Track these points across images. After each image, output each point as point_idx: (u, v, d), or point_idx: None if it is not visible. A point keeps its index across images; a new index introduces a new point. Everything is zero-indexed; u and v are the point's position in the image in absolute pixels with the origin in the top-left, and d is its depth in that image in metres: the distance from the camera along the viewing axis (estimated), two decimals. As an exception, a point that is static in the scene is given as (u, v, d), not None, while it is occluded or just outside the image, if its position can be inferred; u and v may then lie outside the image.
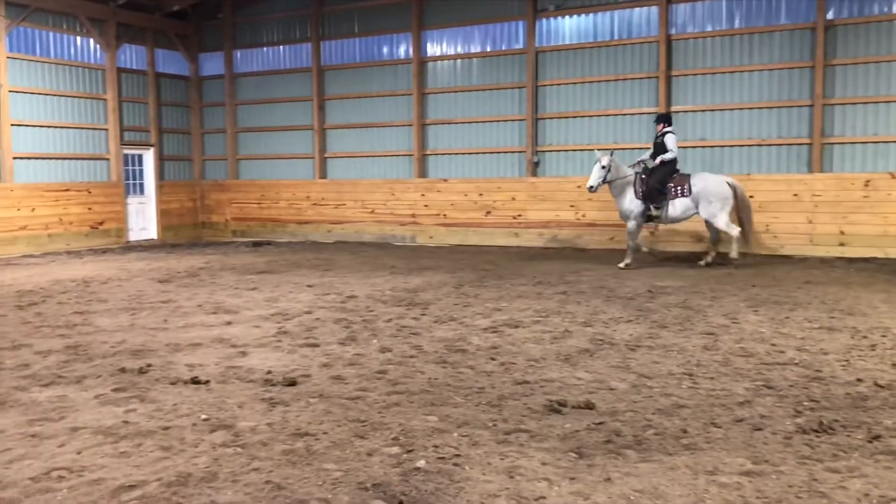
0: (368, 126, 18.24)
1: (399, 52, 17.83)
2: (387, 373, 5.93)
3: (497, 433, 4.52)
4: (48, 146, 16.72)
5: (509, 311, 8.56)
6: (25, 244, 15.98)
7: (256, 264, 13.69)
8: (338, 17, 18.48)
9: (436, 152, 17.52)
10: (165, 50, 19.56)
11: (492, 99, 16.85)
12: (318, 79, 18.64)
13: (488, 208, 16.66)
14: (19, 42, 16.22)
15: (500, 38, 16.75)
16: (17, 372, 6.07)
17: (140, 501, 3.60)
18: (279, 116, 19.37)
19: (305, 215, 18.91)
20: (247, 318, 8.32)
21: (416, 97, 17.44)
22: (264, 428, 4.63)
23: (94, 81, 17.73)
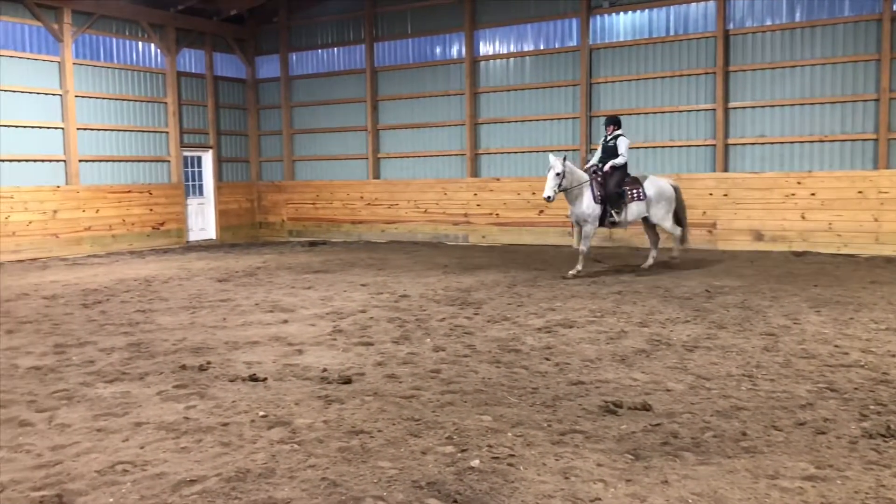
0: (421, 126, 18.32)
1: (452, 52, 17.85)
2: (440, 372, 5.94)
3: (552, 434, 4.49)
4: (112, 149, 17.22)
5: (563, 311, 8.50)
6: (90, 244, 16.49)
7: (312, 264, 13.87)
8: (391, 18, 18.60)
9: (488, 151, 17.50)
10: (223, 54, 19.96)
11: (545, 97, 16.76)
12: (372, 80, 18.80)
13: (541, 207, 16.55)
14: (84, 48, 16.75)
15: (554, 36, 16.64)
16: (83, 368, 6.27)
17: (200, 496, 3.67)
18: (333, 118, 19.60)
19: (359, 215, 19.09)
20: (303, 317, 8.44)
21: (469, 97, 17.45)
22: (320, 425, 4.69)
23: (155, 85, 18.19)
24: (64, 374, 6.07)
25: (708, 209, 14.95)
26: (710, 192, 14.93)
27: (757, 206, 14.53)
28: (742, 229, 14.65)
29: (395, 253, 15.61)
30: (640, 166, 15.74)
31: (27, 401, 5.33)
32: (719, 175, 14.94)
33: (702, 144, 15.25)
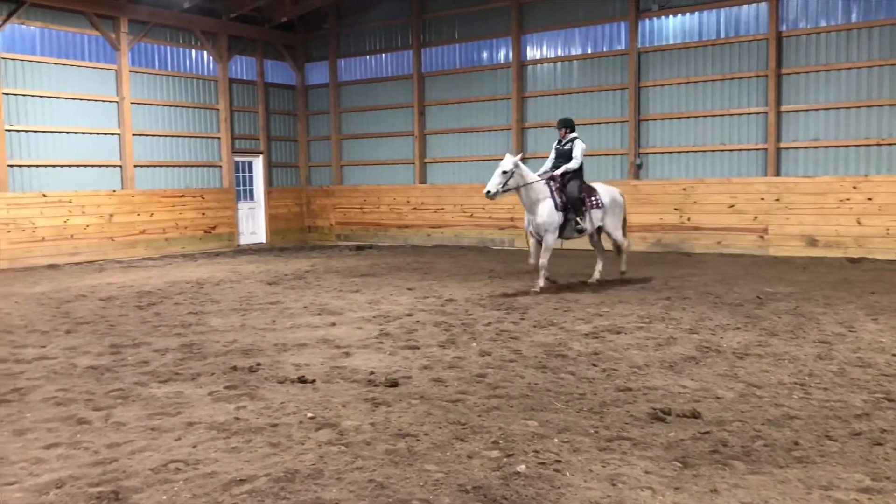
0: (468, 131, 18.36)
1: (498, 57, 17.87)
2: (486, 376, 5.94)
3: (599, 440, 4.46)
4: (165, 154, 17.63)
5: (611, 317, 8.43)
6: (144, 247, 16.90)
7: (359, 267, 14.00)
8: (438, 24, 18.70)
9: (535, 155, 17.41)
10: (273, 61, 20.30)
11: (592, 101, 16.66)
12: (419, 85, 18.91)
13: (589, 212, 16.44)
14: (140, 56, 17.19)
15: (602, 40, 16.53)
16: (137, 368, 6.43)
17: (249, 495, 3.74)
18: (381, 123, 19.77)
19: (406, 219, 19.20)
20: (350, 320, 8.52)
21: (516, 101, 17.43)
22: (367, 427, 4.74)
23: (207, 92, 18.58)
24: (119, 374, 6.23)
25: (759, 214, 14.68)
26: (762, 197, 14.66)
27: (810, 212, 14.22)
28: (794, 235, 14.34)
29: (441, 257, 15.66)
30: (690, 171, 15.56)
31: (85, 399, 5.49)
32: (771, 179, 14.66)
33: (753, 148, 14.98)
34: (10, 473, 4.07)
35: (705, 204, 15.17)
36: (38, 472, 4.08)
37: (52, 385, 5.91)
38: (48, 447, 4.48)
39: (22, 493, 3.80)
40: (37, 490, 3.84)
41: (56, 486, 3.88)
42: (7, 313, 9.42)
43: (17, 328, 8.39)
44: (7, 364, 6.66)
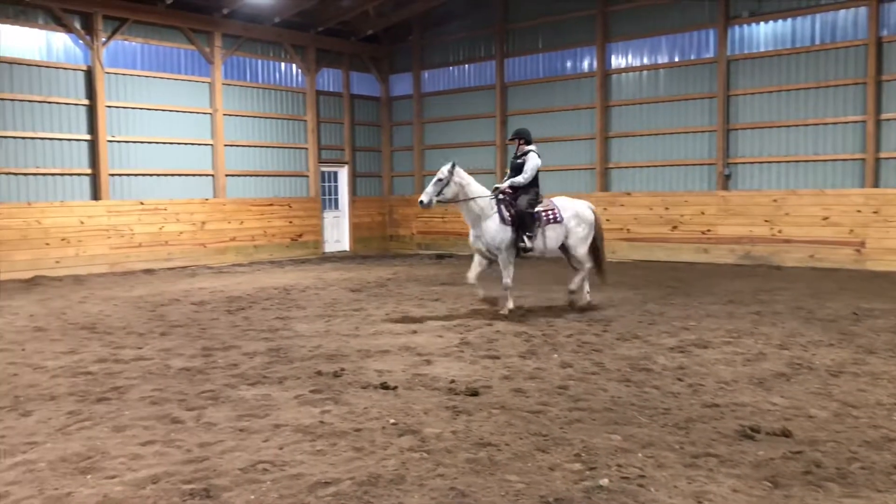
0: (550, 140, 18.24)
1: (583, 66, 17.73)
2: (568, 388, 5.89)
3: (684, 456, 4.37)
4: (255, 164, 18.19)
5: (698, 331, 8.23)
6: (234, 254, 17.46)
7: (439, 276, 14.09)
8: (521, 34, 18.70)
9: (619, 165, 17.22)
10: (359, 73, 20.71)
11: (679, 110, 16.33)
12: (502, 95, 18.94)
13: (675, 223, 16.11)
14: (232, 69, 17.82)
15: (689, 48, 16.20)
16: (227, 371, 6.65)
17: (334, 498, 3.82)
18: (463, 133, 19.88)
19: (487, 229, 19.18)
20: (431, 328, 8.59)
21: (600, 110, 17.25)
22: (449, 435, 4.76)
23: (295, 104, 19.10)
24: (210, 376, 6.46)
25: (855, 227, 14.06)
26: (858, 209, 14.04)
27: (912, 224, 13.53)
28: (894, 249, 13.67)
29: (521, 267, 15.53)
30: (782, 181, 15.06)
31: (178, 399, 5.71)
32: (869, 191, 14.03)
33: (849, 158, 14.38)
34: (110, 467, 4.28)
35: (797, 216, 14.65)
36: (135, 468, 4.27)
37: (148, 385, 6.17)
38: (145, 444, 4.69)
39: (122, 487, 3.99)
40: (135, 484, 4.02)
41: (152, 482, 4.05)
42: (107, 315, 9.89)
43: (116, 329, 8.80)
44: (107, 364, 6.99)
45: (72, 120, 15.15)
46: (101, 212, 15.31)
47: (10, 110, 14.32)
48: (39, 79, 14.70)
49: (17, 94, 14.38)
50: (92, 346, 7.85)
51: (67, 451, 4.54)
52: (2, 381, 6.40)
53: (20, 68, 14.43)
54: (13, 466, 4.32)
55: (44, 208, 14.54)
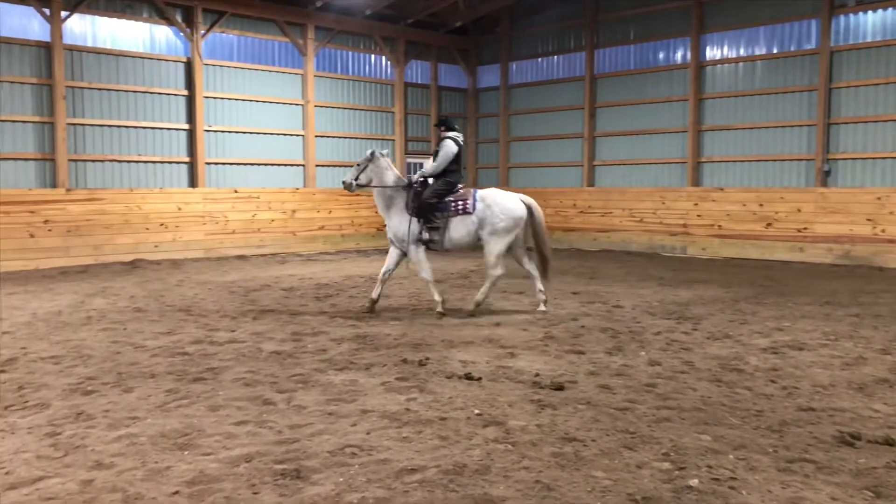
0: (639, 133, 17.91)
1: (675, 58, 17.30)
2: (656, 386, 5.78)
3: (778, 460, 4.22)
4: (344, 155, 18.51)
5: (792, 332, 7.93)
6: (322, 242, 17.83)
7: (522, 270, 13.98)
8: (612, 25, 18.38)
9: (711, 160, 16.73)
10: (447, 64, 20.77)
11: (776, 103, 15.73)
12: (591, 87, 18.67)
13: (769, 220, 15.56)
14: (324, 62, 18.17)
15: (789, 39, 15.58)
16: (316, 356, 6.81)
17: (420, 485, 3.86)
18: (550, 125, 19.70)
19: (572, 223, 19.01)
20: (515, 321, 8.57)
21: (693, 103, 16.80)
22: (533, 428, 4.75)
23: (384, 96, 19.33)
24: (300, 360, 6.63)
25: (968, 228, 13.26)
26: (973, 209, 13.23)
27: None
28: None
29: (608, 262, 15.38)
30: (887, 178, 14.32)
31: (270, 382, 5.89)
32: (984, 190, 13.21)
33: (963, 155, 13.57)
34: (206, 445, 4.45)
35: (903, 215, 13.93)
36: (230, 446, 4.42)
37: (241, 367, 6.38)
38: (238, 423, 4.85)
39: (217, 464, 4.14)
40: (229, 462, 4.17)
41: (245, 461, 4.19)
42: (202, 299, 10.27)
43: (210, 312, 9.13)
44: (203, 345, 7.27)
45: (172, 110, 15.76)
46: (198, 199, 15.88)
47: (115, 100, 15.00)
48: (143, 70, 15.34)
49: (122, 84, 15.06)
50: (188, 327, 8.17)
51: (166, 428, 4.75)
52: (106, 358, 6.73)
53: (125, 60, 15.10)
54: (118, 439, 4.55)
55: (144, 194, 15.19)
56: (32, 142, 14.03)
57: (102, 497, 3.72)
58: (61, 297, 10.35)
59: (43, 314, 8.96)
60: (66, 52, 14.27)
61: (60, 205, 14.11)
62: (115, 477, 3.96)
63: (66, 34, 14.30)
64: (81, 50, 14.55)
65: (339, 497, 3.72)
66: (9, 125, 13.73)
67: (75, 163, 14.50)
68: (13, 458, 4.24)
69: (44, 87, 14.10)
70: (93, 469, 4.08)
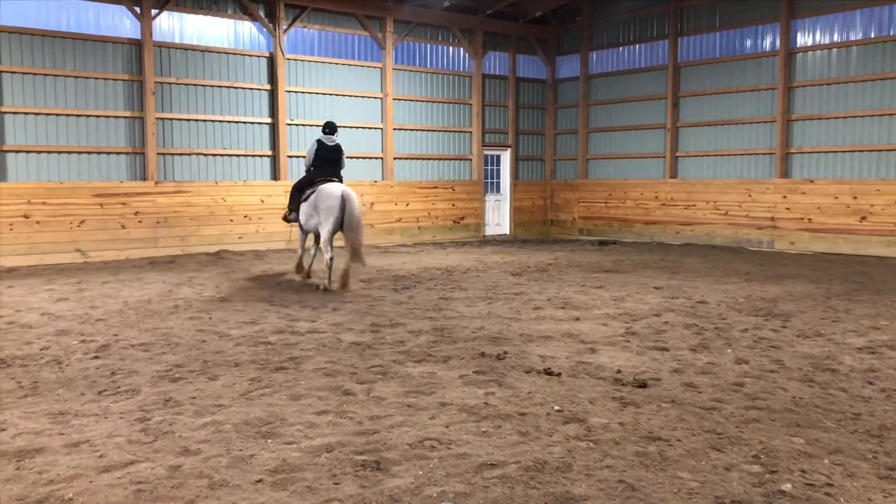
0: (725, 123, 17.35)
1: (764, 45, 16.67)
2: (744, 386, 5.57)
3: (878, 467, 4.00)
4: (421, 148, 18.59)
5: (890, 331, 7.54)
6: (400, 234, 17.96)
7: (602, 263, 13.80)
8: (697, 12, 17.85)
9: (801, 150, 16.08)
10: (525, 55, 20.58)
11: (873, 91, 14.98)
12: (674, 76, 18.19)
13: (863, 213, 14.86)
14: (402, 55, 18.25)
15: (889, 23, 14.79)
16: (395, 347, 6.84)
17: (500, 480, 3.81)
18: (630, 116, 19.29)
19: (653, 216, 18.60)
20: (594, 316, 8.42)
21: (782, 91, 16.16)
22: (616, 426, 4.64)
23: (461, 88, 19.30)
24: (379, 351, 6.67)
25: None
26: None
27: None
28: None
29: (691, 256, 14.98)
30: None
31: (349, 372, 5.94)
32: None
33: None
34: (288, 434, 4.51)
35: None
36: (311, 436, 4.47)
37: (321, 357, 6.46)
38: (319, 413, 4.91)
39: (299, 454, 4.19)
40: (311, 451, 4.22)
41: (326, 451, 4.23)
42: (284, 289, 10.46)
43: (291, 303, 9.29)
44: (285, 335, 7.40)
45: (255, 104, 16.12)
46: (280, 191, 16.20)
47: (200, 95, 15.43)
48: (227, 65, 15.73)
49: (207, 80, 15.47)
50: (270, 317, 8.33)
51: (250, 416, 4.84)
52: (192, 346, 6.92)
53: (210, 56, 15.51)
54: (203, 426, 4.66)
55: (229, 187, 15.60)
56: (124, 136, 14.58)
57: (189, 483, 3.81)
58: (150, 286, 10.72)
59: (133, 302, 9.30)
60: (155, 48, 14.76)
61: (150, 197, 14.63)
62: (201, 463, 4.06)
63: (155, 31, 14.79)
64: (170, 46, 15.02)
65: (419, 490, 3.71)
66: (102, 120, 14.31)
67: (163, 156, 15.00)
68: (106, 441, 4.39)
69: (134, 83, 14.62)
70: (180, 455, 4.19)
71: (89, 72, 14.12)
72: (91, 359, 6.44)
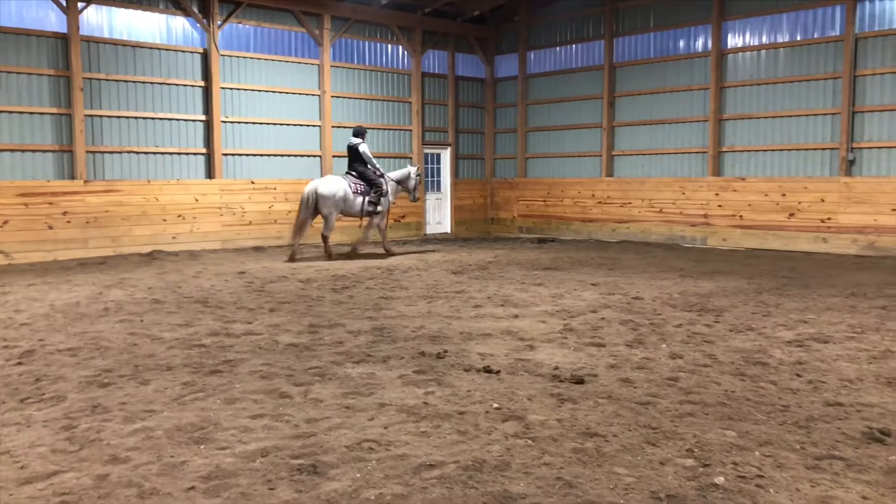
0: (659, 123, 17.70)
1: (696, 46, 17.05)
2: (678, 380, 5.67)
3: (806, 457, 4.11)
4: (360, 145, 18.42)
5: (817, 325, 7.78)
6: (339, 233, 17.74)
7: (541, 260, 13.92)
8: (632, 13, 18.15)
9: (733, 149, 16.51)
10: (464, 54, 20.62)
11: (799, 91, 15.47)
12: (609, 76, 18.47)
13: (792, 210, 15.34)
14: (340, 52, 18.08)
15: (813, 26, 15.30)
16: (333, 348, 6.75)
17: (439, 481, 3.79)
18: (568, 115, 19.52)
19: (590, 213, 18.86)
20: (533, 313, 8.47)
21: (714, 91, 16.56)
22: (554, 423, 4.66)
23: (401, 86, 19.22)
24: (317, 353, 6.57)
25: None
26: None
27: None
28: None
29: (627, 253, 15.23)
30: (912, 167, 14.03)
31: (286, 374, 5.84)
32: None
33: None
34: (222, 439, 4.40)
35: (929, 205, 13.66)
36: (246, 440, 4.37)
37: (257, 359, 6.34)
38: (254, 417, 4.80)
39: (233, 459, 4.09)
40: (245, 456, 4.12)
41: (262, 455, 4.14)
42: (219, 290, 10.25)
43: (227, 304, 9.10)
44: (219, 337, 7.23)
45: (188, 101, 15.75)
46: (215, 190, 15.89)
47: (132, 92, 15.01)
48: (160, 61, 15.33)
49: (139, 76, 15.05)
50: (205, 319, 8.14)
51: (182, 421, 4.71)
52: (123, 350, 6.71)
53: (141, 51, 15.09)
54: (133, 433, 4.51)
55: (162, 186, 15.21)
56: (51, 133, 14.06)
57: (118, 492, 3.67)
58: (79, 288, 10.37)
59: (61, 306, 8.98)
60: (83, 43, 14.28)
61: (79, 196, 14.15)
62: (130, 471, 3.92)
63: (82, 25, 14.31)
64: (98, 41, 14.55)
65: (357, 493, 3.65)
66: (27, 117, 13.77)
67: (93, 154, 14.53)
68: (28, 451, 4.21)
69: (61, 78, 14.11)
70: (108, 463, 4.04)
71: (11, 66, 13.56)
72: (14, 365, 6.19)
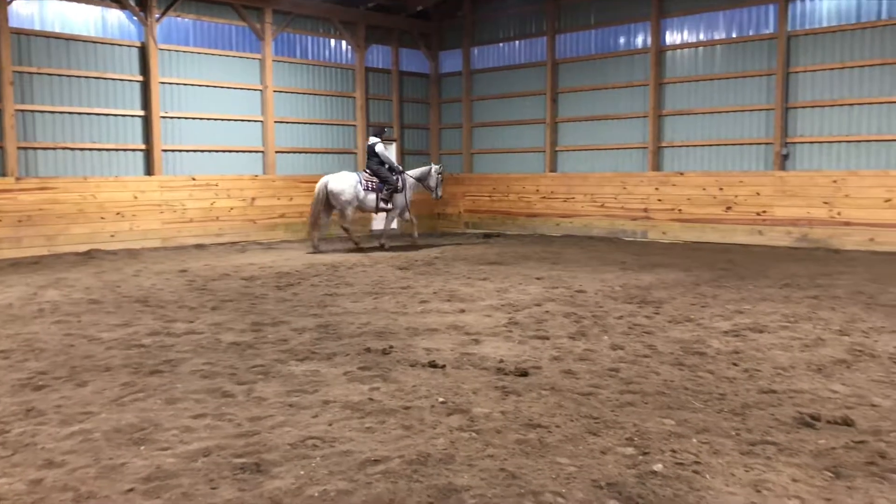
0: (601, 118, 17.97)
1: (636, 42, 17.35)
2: (619, 371, 5.79)
3: (741, 443, 4.24)
4: (304, 141, 18.28)
5: (752, 315, 8.02)
6: (283, 230, 17.61)
7: (487, 255, 14.01)
8: (574, 10, 18.37)
9: (672, 144, 16.86)
10: (408, 49, 20.59)
11: (735, 88, 15.89)
12: (552, 72, 18.66)
13: (729, 203, 15.75)
14: (282, 46, 17.87)
15: (748, 24, 15.71)
16: (277, 346, 6.69)
17: (383, 476, 3.80)
18: (512, 111, 19.67)
19: (534, 208, 19.04)
20: (479, 308, 8.53)
21: (653, 87, 16.88)
22: (498, 416, 4.71)
23: (345, 81, 19.10)
24: (260, 351, 6.51)
25: (921, 210, 13.54)
26: (925, 191, 13.52)
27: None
28: None
29: (570, 247, 15.44)
30: (842, 162, 14.58)
31: (229, 373, 5.77)
32: (936, 172, 13.49)
33: (916, 138, 13.83)
34: (163, 440, 4.33)
35: (858, 198, 14.17)
36: (187, 440, 4.31)
37: (199, 358, 6.24)
38: (196, 417, 4.73)
39: (174, 459, 4.03)
40: (187, 457, 4.06)
41: (203, 455, 4.08)
42: (160, 289, 10.05)
43: (168, 303, 8.94)
44: (160, 337, 7.10)
45: (126, 96, 15.38)
46: (155, 187, 15.56)
47: (66, 86, 14.59)
48: (95, 55, 14.94)
49: (74, 69, 14.64)
50: (145, 319, 7.98)
51: (122, 422, 4.61)
52: (59, 351, 6.54)
53: (76, 44, 14.68)
54: (70, 436, 4.41)
55: (99, 183, 14.83)
56: (-20, 129, 13.59)
57: (52, 497, 3.59)
58: (12, 289, 10.06)
59: (-7, 307, 8.69)
60: (12, 35, 13.82)
61: (10, 194, 13.71)
62: (66, 475, 3.83)
63: (11, 17, 13.85)
64: (29, 34, 14.11)
65: (300, 490, 3.64)
66: (-46, 112, 13.28)
67: (25, 151, 14.09)
68: (-41, 457, 4.08)
69: (-9, 72, 13.65)
70: (43, 468, 3.94)
71: (-62, 59, 13.08)
72: (-57, 369, 5.97)
